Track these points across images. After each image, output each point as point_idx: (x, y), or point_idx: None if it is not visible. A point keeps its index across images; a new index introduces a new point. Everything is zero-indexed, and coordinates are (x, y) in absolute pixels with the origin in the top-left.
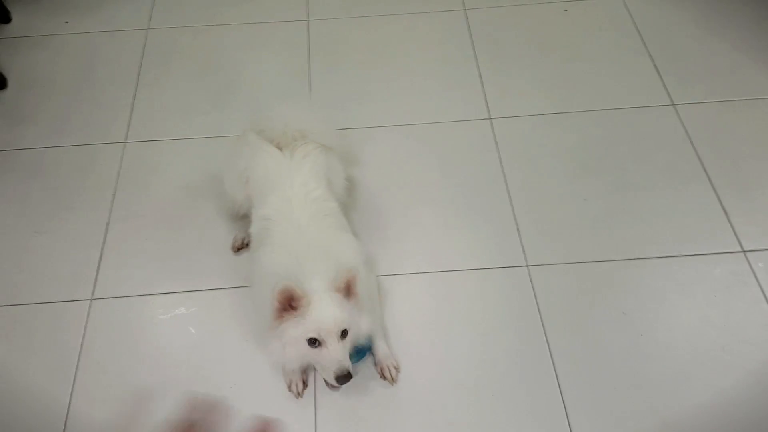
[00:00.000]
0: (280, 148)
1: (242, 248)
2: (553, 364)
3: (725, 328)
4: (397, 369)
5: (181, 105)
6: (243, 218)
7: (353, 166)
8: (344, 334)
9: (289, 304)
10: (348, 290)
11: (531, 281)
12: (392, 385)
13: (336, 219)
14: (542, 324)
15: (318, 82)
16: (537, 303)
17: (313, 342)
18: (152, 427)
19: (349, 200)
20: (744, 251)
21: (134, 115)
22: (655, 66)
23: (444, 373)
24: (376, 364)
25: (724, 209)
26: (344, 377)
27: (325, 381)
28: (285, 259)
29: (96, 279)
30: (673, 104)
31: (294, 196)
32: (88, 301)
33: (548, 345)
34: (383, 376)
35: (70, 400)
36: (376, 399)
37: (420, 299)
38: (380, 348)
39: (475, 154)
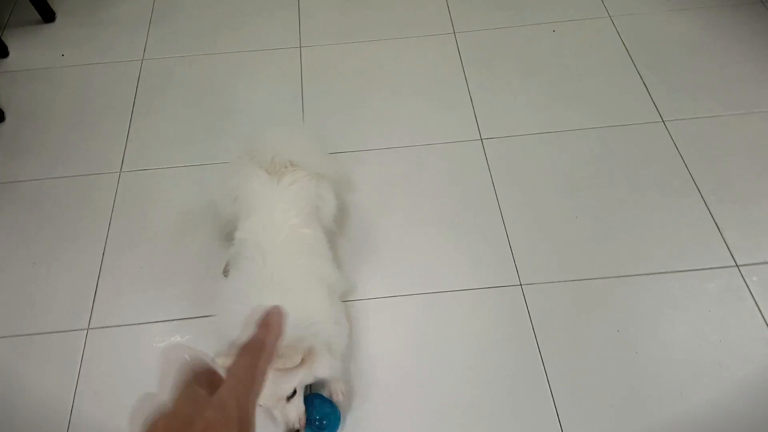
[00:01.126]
0: (270, 174)
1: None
2: (549, 382)
3: (720, 343)
4: (342, 392)
5: (176, 133)
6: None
7: (346, 192)
8: (293, 393)
9: None
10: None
11: (525, 300)
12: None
13: (309, 245)
14: (537, 342)
15: (311, 107)
16: (531, 322)
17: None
18: None
19: (338, 229)
20: (738, 265)
21: (129, 144)
22: (644, 83)
23: (439, 393)
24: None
25: (716, 224)
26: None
27: None
28: (244, 286)
29: (92, 308)
30: (663, 120)
31: (269, 222)
32: (85, 331)
33: (543, 363)
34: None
35: (67, 430)
36: (368, 420)
37: (414, 320)
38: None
39: (466, 174)
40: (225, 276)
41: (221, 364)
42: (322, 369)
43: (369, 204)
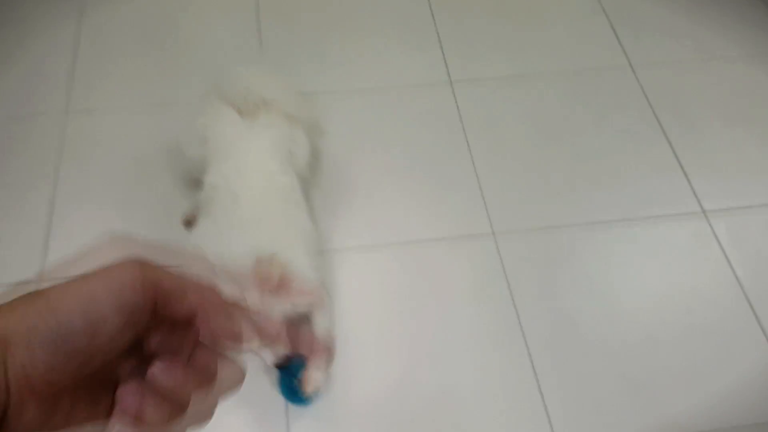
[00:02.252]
0: (241, 115)
1: (192, 223)
2: (522, 330)
3: (690, 290)
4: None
5: (126, 73)
6: (198, 185)
7: (319, 138)
8: None
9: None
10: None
11: (498, 249)
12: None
13: (286, 195)
14: (510, 291)
15: (270, 44)
16: (504, 270)
17: None
18: None
19: (312, 177)
20: (704, 212)
21: (75, 84)
22: (611, 26)
23: (412, 345)
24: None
25: (684, 171)
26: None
27: None
28: (217, 237)
29: (45, 261)
30: (631, 65)
31: (244, 167)
32: (35, 285)
33: (516, 312)
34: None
35: None
36: (340, 374)
37: (386, 271)
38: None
39: (436, 119)
40: (186, 227)
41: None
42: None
43: (336, 151)
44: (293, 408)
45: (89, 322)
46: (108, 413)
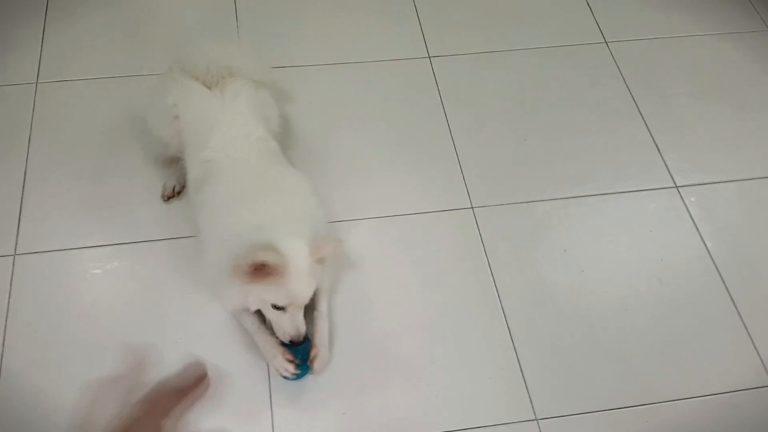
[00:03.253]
0: (208, 87)
1: (173, 197)
2: (500, 301)
3: (661, 262)
4: (322, 359)
5: (95, 42)
6: (172, 163)
7: (287, 103)
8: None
9: (261, 269)
10: (321, 259)
11: (476, 223)
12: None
13: (280, 159)
14: (489, 264)
15: (246, 18)
16: (483, 244)
17: (277, 308)
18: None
19: (287, 140)
20: (677, 186)
21: (45, 54)
22: (588, 3)
23: (396, 316)
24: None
25: (657, 146)
26: (303, 339)
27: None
28: (240, 199)
29: (18, 233)
30: (606, 42)
31: (236, 137)
32: (11, 257)
33: (495, 284)
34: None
35: (0, 362)
36: (331, 337)
37: (367, 246)
38: (322, 328)
39: (415, 94)
40: (165, 202)
41: None
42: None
43: (315, 125)
44: (276, 397)
45: None
46: None
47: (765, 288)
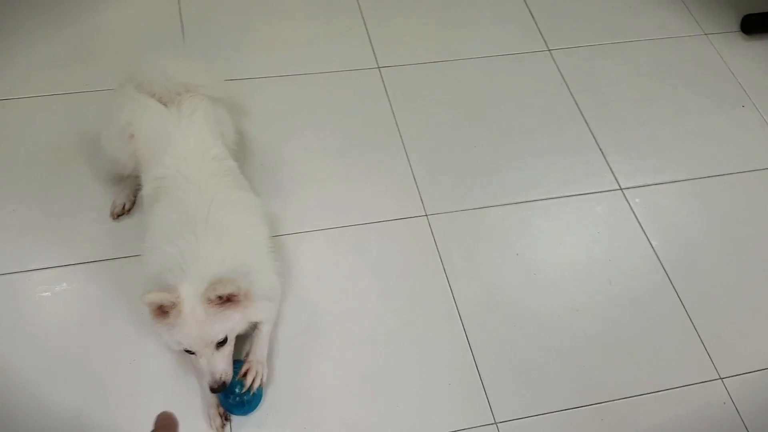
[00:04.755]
0: (164, 104)
1: (123, 214)
2: (457, 307)
3: (610, 262)
4: (261, 377)
5: (36, 58)
6: (125, 180)
7: (241, 117)
8: (223, 341)
9: (160, 309)
10: (228, 298)
11: (431, 230)
12: (246, 387)
13: (236, 179)
14: (444, 270)
15: (192, 29)
16: (438, 251)
17: (188, 351)
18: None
19: (241, 154)
20: (621, 189)
21: None
22: (530, 12)
23: (352, 326)
24: (244, 359)
25: (601, 150)
26: (218, 388)
27: None
28: (178, 222)
29: None
30: (549, 50)
31: (190, 154)
32: None
33: (451, 290)
34: (244, 375)
35: None
36: (280, 358)
37: (322, 256)
38: (259, 350)
39: (366, 104)
40: (114, 220)
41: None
42: (257, 312)
43: (266, 137)
44: (236, 419)
45: None
46: None
47: (709, 284)
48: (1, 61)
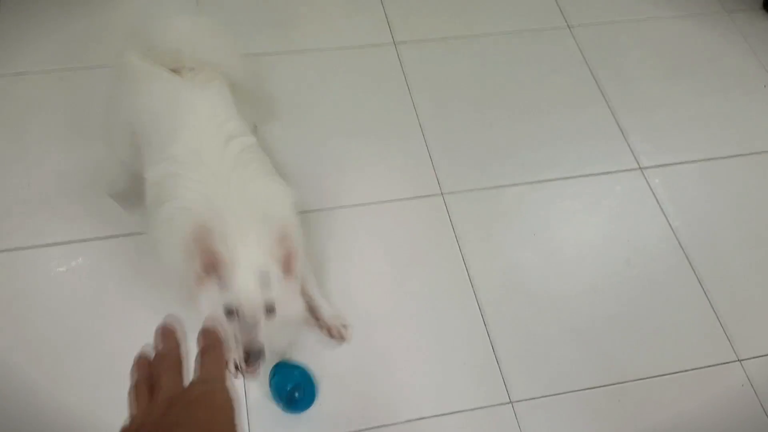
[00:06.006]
0: (177, 72)
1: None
2: (473, 287)
3: (628, 243)
4: (345, 327)
5: (52, 32)
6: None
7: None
8: (270, 310)
9: (211, 264)
10: (286, 265)
11: (447, 209)
12: (342, 343)
13: (260, 160)
14: (460, 250)
15: (207, 2)
16: (454, 230)
17: (230, 313)
18: None
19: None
20: (641, 168)
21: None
22: None
23: (369, 306)
24: (321, 327)
25: (620, 129)
26: (254, 356)
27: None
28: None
29: None
30: (569, 26)
31: (203, 131)
32: None
33: (467, 270)
34: (331, 336)
35: None
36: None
37: (337, 235)
38: (324, 309)
39: (382, 81)
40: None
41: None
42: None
43: (282, 114)
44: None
45: None
46: None
47: (728, 265)
48: (17, 36)
